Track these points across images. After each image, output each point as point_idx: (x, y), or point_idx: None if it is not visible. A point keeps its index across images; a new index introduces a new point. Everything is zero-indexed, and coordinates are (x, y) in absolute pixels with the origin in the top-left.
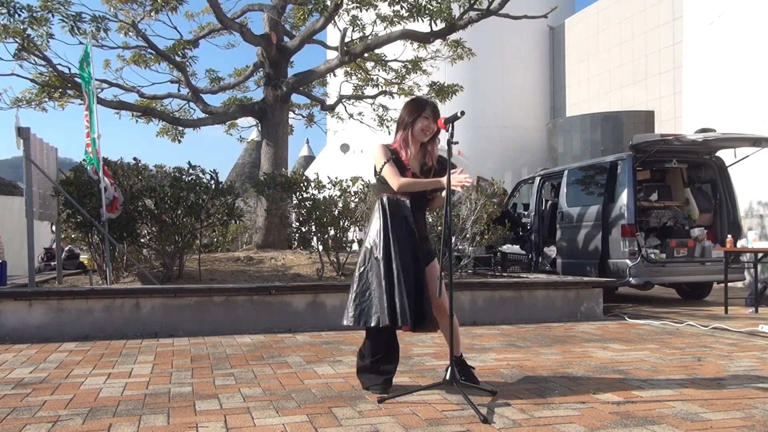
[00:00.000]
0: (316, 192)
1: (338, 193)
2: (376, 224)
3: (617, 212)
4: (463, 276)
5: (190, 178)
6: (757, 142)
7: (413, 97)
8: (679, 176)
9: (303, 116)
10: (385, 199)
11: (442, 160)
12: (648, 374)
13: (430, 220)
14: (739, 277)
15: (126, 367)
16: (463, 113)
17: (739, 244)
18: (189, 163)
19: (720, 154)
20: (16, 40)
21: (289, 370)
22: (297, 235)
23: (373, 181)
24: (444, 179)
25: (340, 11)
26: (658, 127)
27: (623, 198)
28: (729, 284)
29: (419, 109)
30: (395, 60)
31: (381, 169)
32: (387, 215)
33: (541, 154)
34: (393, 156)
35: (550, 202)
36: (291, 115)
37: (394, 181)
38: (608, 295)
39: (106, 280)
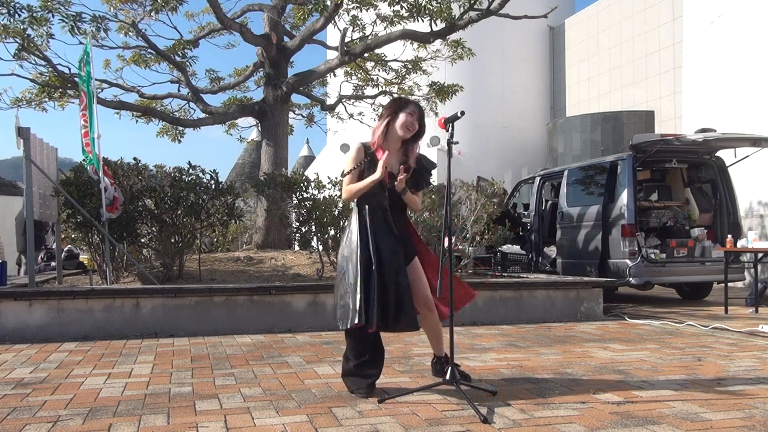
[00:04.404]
0: (316, 192)
1: (338, 193)
2: (354, 227)
3: (617, 212)
4: (463, 276)
5: (190, 178)
6: (757, 142)
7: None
8: (679, 176)
9: (303, 116)
10: (363, 203)
11: (422, 160)
12: (648, 374)
13: (426, 214)
14: (739, 277)
15: (126, 367)
16: (463, 113)
17: (739, 244)
18: (189, 163)
19: (720, 154)
20: (16, 40)
21: (289, 370)
22: (297, 235)
23: None
24: (377, 174)
25: (340, 11)
26: (658, 127)
27: (623, 198)
28: (729, 284)
29: (404, 103)
30: (395, 60)
31: (342, 174)
32: (365, 218)
33: (541, 154)
34: (368, 158)
35: (550, 202)
36: (291, 115)
37: (344, 194)
38: (608, 295)
39: (106, 280)
